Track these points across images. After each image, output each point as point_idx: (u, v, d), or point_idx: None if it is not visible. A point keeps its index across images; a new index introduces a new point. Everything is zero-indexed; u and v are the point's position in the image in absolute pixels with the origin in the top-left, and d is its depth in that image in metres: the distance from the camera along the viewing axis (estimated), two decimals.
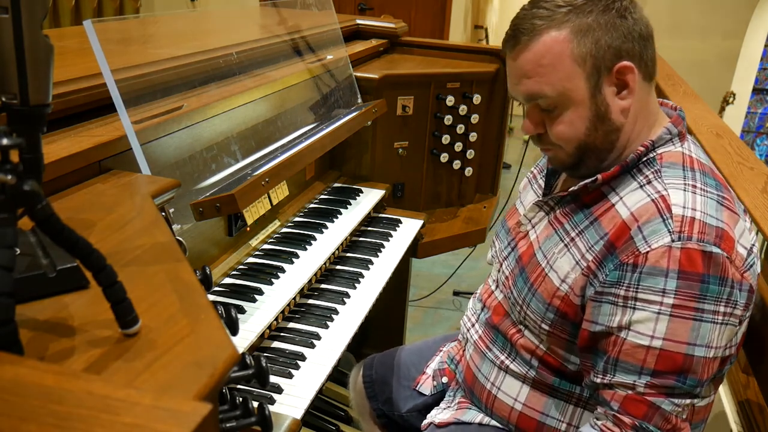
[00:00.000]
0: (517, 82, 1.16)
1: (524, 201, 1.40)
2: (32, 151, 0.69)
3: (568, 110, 1.13)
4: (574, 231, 1.17)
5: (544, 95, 1.12)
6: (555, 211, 1.25)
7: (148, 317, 0.74)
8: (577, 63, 1.10)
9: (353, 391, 1.70)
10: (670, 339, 1.03)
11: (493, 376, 1.30)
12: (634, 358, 1.05)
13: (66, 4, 4.86)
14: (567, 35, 1.10)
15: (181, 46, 1.72)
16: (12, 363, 0.58)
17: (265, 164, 1.58)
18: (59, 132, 1.26)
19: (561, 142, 1.16)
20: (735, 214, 1.09)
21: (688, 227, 1.03)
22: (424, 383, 1.54)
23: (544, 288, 1.19)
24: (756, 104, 7.43)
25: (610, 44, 1.10)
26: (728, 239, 1.04)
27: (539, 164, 1.43)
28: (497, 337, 1.31)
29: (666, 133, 1.16)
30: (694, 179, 1.10)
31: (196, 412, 0.52)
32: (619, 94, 1.13)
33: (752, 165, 1.80)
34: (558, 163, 1.22)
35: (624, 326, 1.06)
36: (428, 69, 2.39)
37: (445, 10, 6.00)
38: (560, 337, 1.19)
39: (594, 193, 1.18)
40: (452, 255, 2.83)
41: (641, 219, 1.07)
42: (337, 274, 1.74)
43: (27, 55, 0.66)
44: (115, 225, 0.99)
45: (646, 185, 1.12)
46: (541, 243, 1.24)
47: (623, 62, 1.11)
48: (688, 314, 1.02)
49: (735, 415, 1.80)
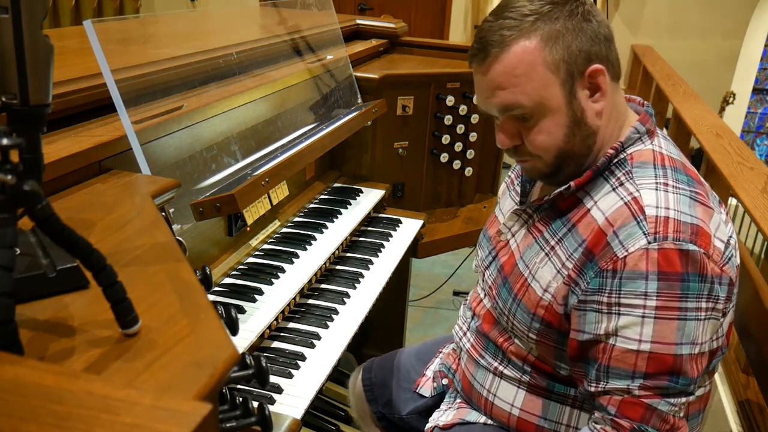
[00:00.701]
0: (489, 95, 1.14)
1: (503, 208, 1.40)
2: (32, 151, 0.69)
3: (545, 119, 1.12)
4: (554, 239, 1.17)
5: (520, 105, 1.11)
6: (533, 219, 1.24)
7: (148, 317, 0.74)
8: (551, 70, 1.09)
9: (353, 395, 1.70)
10: (658, 341, 1.03)
11: (489, 383, 1.30)
12: (625, 363, 1.05)
13: (66, 4, 4.86)
14: (537, 43, 1.09)
15: (181, 46, 1.73)
16: (12, 363, 0.58)
17: (265, 164, 1.58)
18: (59, 132, 1.26)
19: (540, 152, 1.15)
20: (709, 208, 1.09)
21: (662, 227, 1.03)
22: (424, 385, 1.53)
23: (527, 298, 1.19)
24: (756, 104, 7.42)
25: (581, 48, 1.10)
26: (704, 235, 1.04)
27: (516, 169, 1.42)
28: (488, 345, 1.31)
29: (634, 133, 1.16)
30: (666, 176, 1.10)
31: (196, 412, 0.52)
32: (592, 97, 1.13)
33: (752, 165, 1.81)
34: (536, 173, 1.21)
35: (611, 333, 1.06)
36: (428, 69, 2.39)
37: (445, 10, 6.00)
38: (548, 345, 1.19)
39: (569, 199, 1.18)
40: (452, 255, 2.83)
41: (616, 224, 1.07)
42: (337, 274, 1.74)
43: (27, 55, 0.66)
44: (115, 225, 0.99)
45: (619, 187, 1.12)
46: (522, 252, 1.23)
47: (594, 65, 1.11)
48: (672, 315, 1.02)
49: (735, 415, 1.80)
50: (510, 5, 1.12)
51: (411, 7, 6.00)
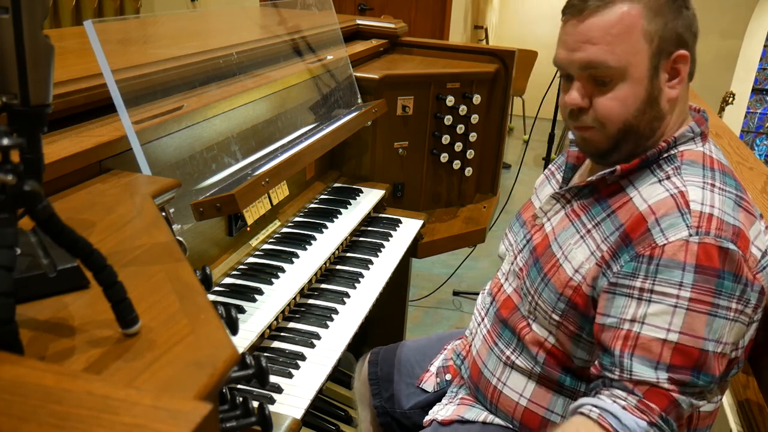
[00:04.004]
0: (576, 47, 1.12)
1: (540, 195, 1.40)
2: (33, 151, 0.69)
3: (623, 85, 1.11)
4: (591, 223, 1.17)
5: (605, 65, 1.10)
6: (572, 204, 1.24)
7: (148, 317, 0.74)
8: (646, 39, 1.09)
9: (358, 379, 1.70)
10: (687, 333, 1.02)
11: (499, 372, 1.30)
12: (650, 352, 1.03)
13: (66, 4, 4.86)
14: (640, 10, 1.09)
15: (181, 46, 1.73)
16: (12, 363, 0.58)
17: (265, 164, 1.58)
18: (59, 132, 1.26)
19: (606, 120, 1.13)
20: (752, 215, 1.09)
21: (706, 223, 1.03)
22: (428, 381, 1.54)
23: (557, 278, 1.19)
24: (755, 104, 7.43)
25: (676, 30, 1.10)
26: (744, 238, 1.05)
27: (557, 161, 1.43)
28: (504, 332, 1.31)
29: (689, 132, 1.16)
30: (714, 178, 1.10)
31: (196, 412, 0.52)
32: (670, 82, 1.13)
33: (752, 165, 1.81)
34: (592, 146, 1.19)
35: (639, 319, 1.05)
36: (428, 69, 2.39)
37: (445, 10, 6.00)
38: (569, 329, 1.18)
39: (612, 186, 1.18)
40: (452, 255, 2.83)
41: (659, 212, 1.07)
42: (337, 274, 1.74)
43: (27, 55, 0.66)
44: (115, 225, 0.99)
45: (665, 180, 1.12)
46: (557, 234, 1.23)
47: (682, 50, 1.12)
48: (703, 308, 1.02)
49: (735, 415, 1.80)
50: None
51: (411, 7, 6.00)
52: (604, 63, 1.10)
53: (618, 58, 1.09)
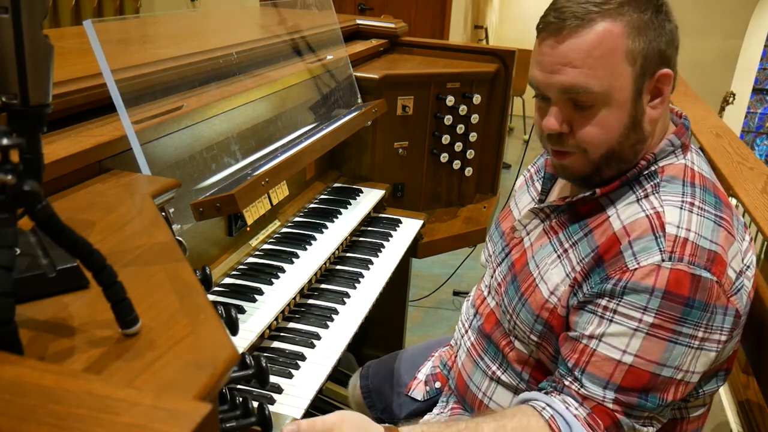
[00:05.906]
0: (555, 71, 1.05)
1: (519, 203, 1.37)
2: (32, 151, 0.69)
3: (606, 110, 1.05)
4: (568, 242, 1.14)
5: (587, 90, 1.03)
6: (551, 220, 1.21)
7: (148, 317, 0.74)
8: (629, 61, 1.02)
9: (353, 401, 1.69)
10: (642, 357, 1.01)
11: (485, 386, 1.29)
12: (602, 371, 1.03)
13: (66, 4, 4.87)
14: (623, 29, 1.01)
15: (181, 46, 1.73)
16: (12, 363, 0.58)
17: (265, 164, 1.58)
18: (59, 132, 1.26)
19: (588, 146, 1.08)
20: (731, 235, 1.05)
21: (680, 248, 1.00)
22: (416, 388, 1.53)
23: (533, 299, 1.17)
24: (756, 104, 7.43)
25: (659, 48, 1.04)
26: (720, 263, 1.01)
27: (536, 163, 1.39)
28: (489, 347, 1.29)
29: (668, 145, 1.12)
30: (693, 195, 1.06)
31: (196, 412, 0.52)
32: (652, 102, 1.07)
33: (752, 165, 1.81)
34: (571, 172, 1.14)
35: (597, 336, 1.04)
36: (428, 69, 2.39)
37: (445, 10, 6.00)
38: (548, 350, 1.17)
39: (591, 203, 1.14)
40: (452, 255, 2.83)
41: (633, 234, 1.04)
42: (337, 274, 1.74)
43: (27, 55, 0.66)
44: (115, 225, 0.99)
45: (643, 199, 1.08)
46: (535, 252, 1.21)
47: (665, 69, 1.05)
48: (664, 335, 1.00)
49: (735, 415, 1.80)
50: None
51: (411, 7, 6.01)
52: (586, 88, 1.03)
53: (601, 83, 1.03)
